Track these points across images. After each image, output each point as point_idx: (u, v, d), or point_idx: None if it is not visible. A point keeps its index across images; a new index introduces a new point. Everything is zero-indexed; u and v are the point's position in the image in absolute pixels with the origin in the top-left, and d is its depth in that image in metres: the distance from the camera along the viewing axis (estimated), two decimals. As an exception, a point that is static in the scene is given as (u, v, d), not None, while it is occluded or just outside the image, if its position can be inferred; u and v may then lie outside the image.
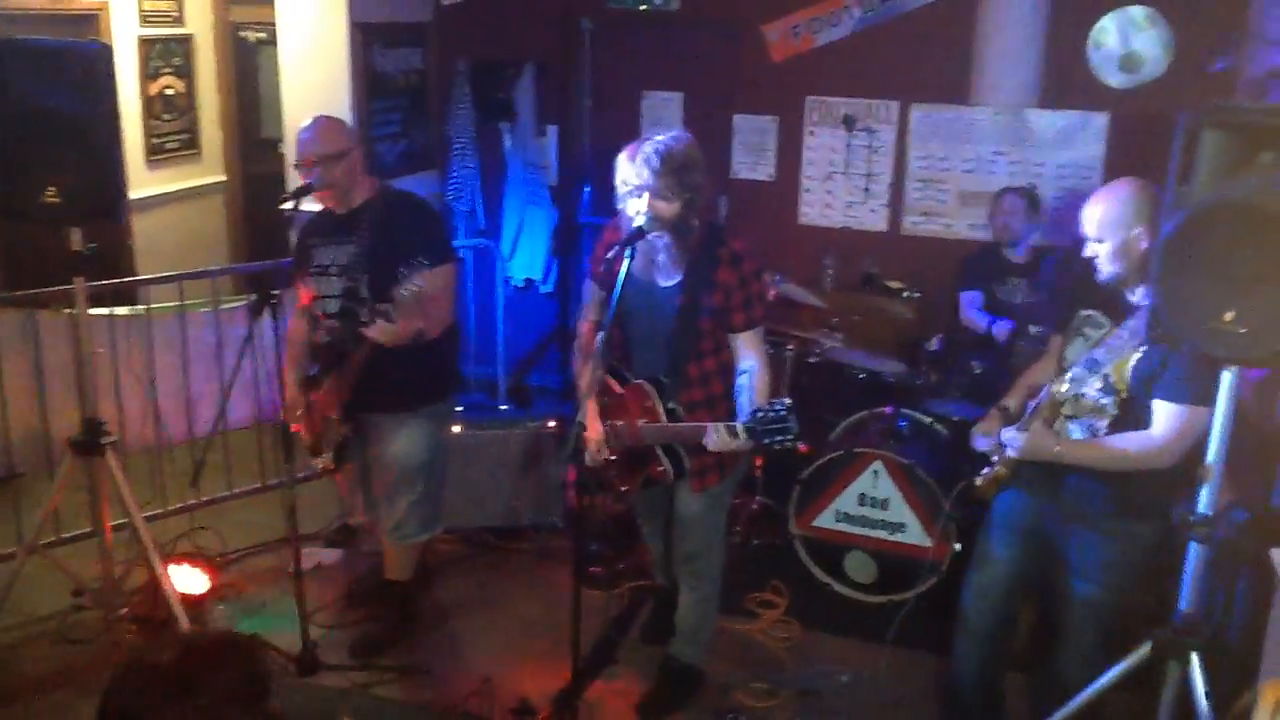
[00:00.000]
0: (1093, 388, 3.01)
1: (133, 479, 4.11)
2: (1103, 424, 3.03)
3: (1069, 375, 3.04)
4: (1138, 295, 2.98)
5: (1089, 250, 2.99)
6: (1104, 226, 2.93)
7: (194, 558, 4.41)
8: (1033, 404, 3.12)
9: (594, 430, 3.53)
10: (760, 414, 3.14)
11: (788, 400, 3.15)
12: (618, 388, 3.56)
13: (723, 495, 3.70)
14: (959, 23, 5.34)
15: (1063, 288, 3.24)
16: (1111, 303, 3.04)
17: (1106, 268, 2.97)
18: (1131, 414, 2.96)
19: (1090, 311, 3.11)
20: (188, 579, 4.21)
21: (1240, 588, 3.20)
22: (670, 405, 3.44)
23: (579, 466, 3.16)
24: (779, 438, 3.11)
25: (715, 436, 3.24)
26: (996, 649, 3.45)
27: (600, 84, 6.09)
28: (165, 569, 3.97)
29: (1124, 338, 2.95)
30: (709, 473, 3.54)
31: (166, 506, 4.80)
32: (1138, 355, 2.93)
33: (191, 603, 4.08)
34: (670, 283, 3.44)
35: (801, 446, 4.87)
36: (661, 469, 3.51)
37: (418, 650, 4.11)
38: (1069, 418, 3.08)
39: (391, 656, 4.04)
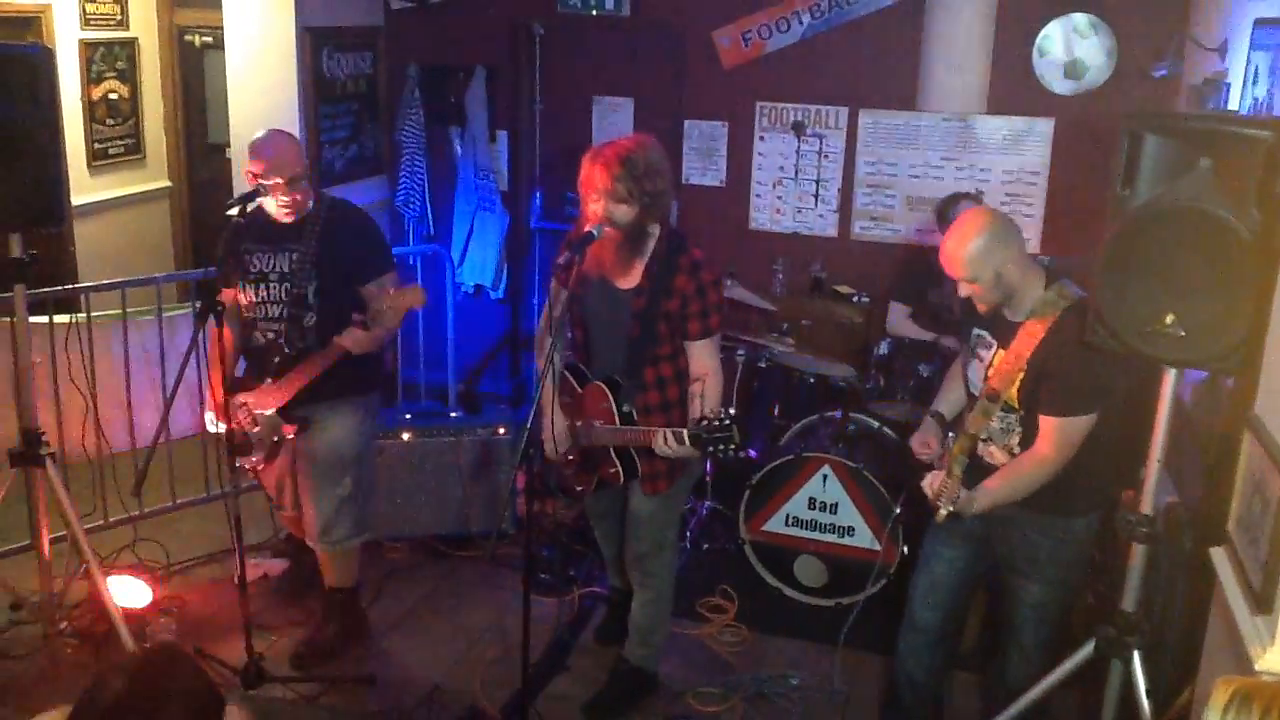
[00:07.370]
0: (996, 417, 3.05)
1: (73, 490, 4.04)
2: (1014, 441, 3.08)
3: (979, 408, 3.06)
4: (1020, 314, 3.00)
5: (962, 290, 3.02)
6: (971, 265, 2.92)
7: (136, 570, 4.34)
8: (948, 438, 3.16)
9: (557, 423, 3.58)
10: (704, 423, 3.20)
11: (732, 410, 3.22)
12: (577, 387, 3.59)
13: (675, 497, 3.71)
14: (907, 30, 5.38)
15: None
16: (996, 323, 3.08)
17: (986, 300, 3.00)
18: (1033, 428, 3.00)
19: (980, 331, 3.15)
20: (130, 592, 4.14)
21: (1180, 586, 3.24)
22: (625, 408, 3.47)
23: (529, 469, 3.17)
24: (722, 446, 3.16)
25: (662, 442, 3.29)
26: (941, 651, 3.46)
27: (551, 89, 6.08)
28: (106, 582, 3.90)
29: (1011, 362, 2.98)
30: (660, 478, 3.56)
31: (108, 518, 4.72)
32: (1021, 375, 2.96)
33: (134, 616, 4.00)
34: (629, 286, 3.46)
35: (753, 454, 4.89)
36: (613, 471, 3.54)
37: (365, 660, 4.07)
38: (985, 440, 3.11)
39: (338, 666, 3.99)
